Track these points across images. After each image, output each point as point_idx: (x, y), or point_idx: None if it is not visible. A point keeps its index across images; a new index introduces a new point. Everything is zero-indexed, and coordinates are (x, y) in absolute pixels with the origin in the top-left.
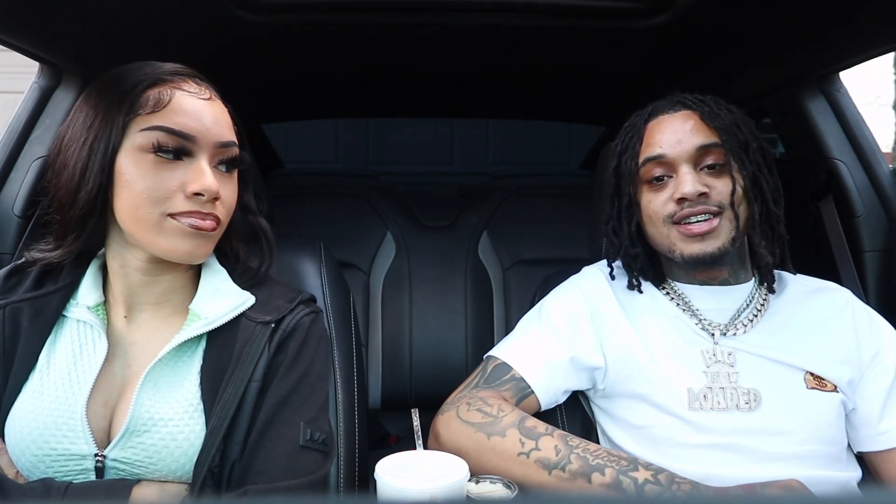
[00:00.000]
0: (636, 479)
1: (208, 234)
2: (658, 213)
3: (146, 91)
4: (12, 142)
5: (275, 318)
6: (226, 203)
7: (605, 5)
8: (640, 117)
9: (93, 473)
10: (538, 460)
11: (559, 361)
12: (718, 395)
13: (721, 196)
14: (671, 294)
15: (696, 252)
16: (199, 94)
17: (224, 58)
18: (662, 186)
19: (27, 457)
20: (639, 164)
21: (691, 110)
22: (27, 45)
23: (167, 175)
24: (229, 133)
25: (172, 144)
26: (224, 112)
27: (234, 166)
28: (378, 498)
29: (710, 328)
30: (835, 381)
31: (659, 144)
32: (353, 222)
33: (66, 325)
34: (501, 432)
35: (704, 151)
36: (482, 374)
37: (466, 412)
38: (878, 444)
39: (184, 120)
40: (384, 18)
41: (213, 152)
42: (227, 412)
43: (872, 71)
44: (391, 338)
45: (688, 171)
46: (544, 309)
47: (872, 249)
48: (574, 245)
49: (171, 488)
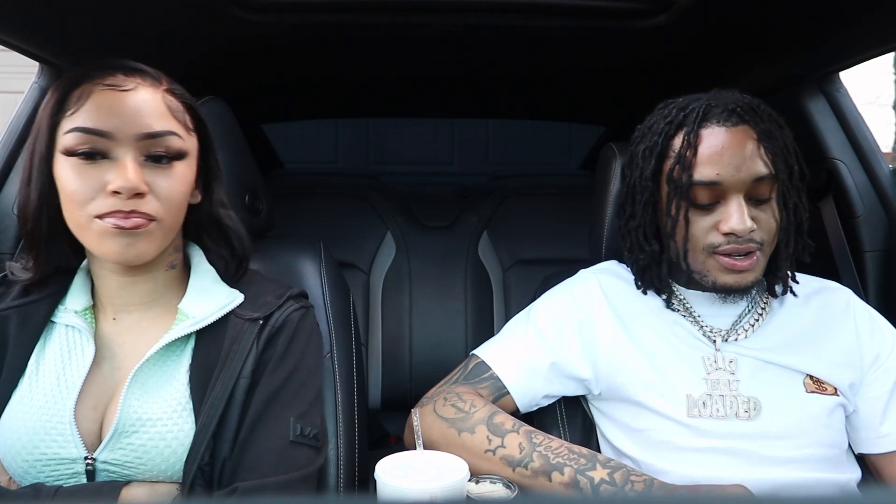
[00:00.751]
0: (592, 478)
1: (138, 233)
2: (699, 239)
3: (71, 92)
4: (12, 142)
5: (263, 314)
6: (162, 197)
7: (605, 5)
8: (690, 118)
9: (84, 477)
10: (503, 457)
11: (539, 366)
12: (718, 403)
13: (762, 233)
14: (672, 300)
15: (731, 283)
16: (121, 86)
17: (224, 58)
18: (708, 211)
19: (18, 462)
20: (692, 181)
21: (749, 126)
22: (27, 45)
23: (90, 176)
24: (160, 122)
25: (87, 144)
26: (155, 100)
27: (174, 158)
28: (378, 498)
29: (712, 334)
30: (835, 384)
31: (716, 168)
32: (353, 222)
33: (56, 331)
34: (471, 429)
35: (759, 182)
36: (463, 370)
37: (442, 406)
38: (879, 447)
39: (97, 116)
40: (384, 18)
41: (137, 145)
42: (216, 410)
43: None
44: (391, 338)
45: (740, 205)
46: (533, 312)
47: (872, 249)
48: (574, 245)
49: (162, 488)
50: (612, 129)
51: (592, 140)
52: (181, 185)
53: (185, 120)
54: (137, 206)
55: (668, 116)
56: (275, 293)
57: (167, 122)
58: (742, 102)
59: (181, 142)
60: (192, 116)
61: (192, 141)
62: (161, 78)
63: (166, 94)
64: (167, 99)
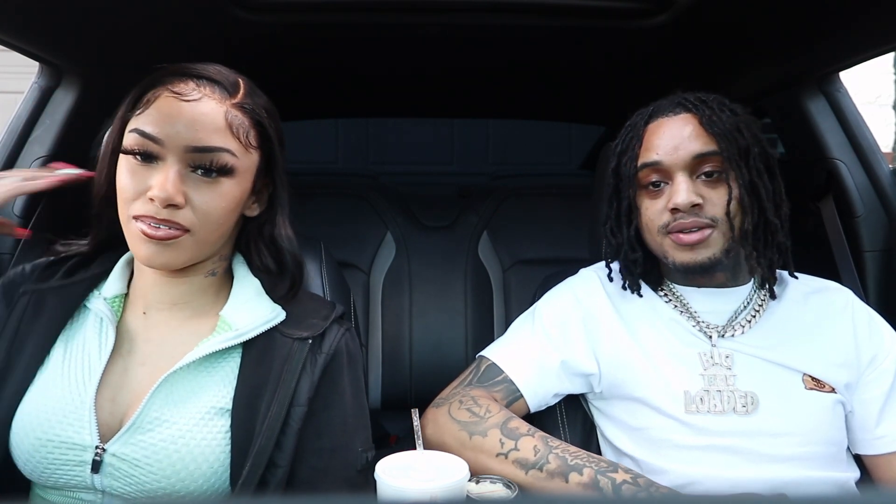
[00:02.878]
0: (614, 479)
1: (167, 243)
2: (654, 221)
3: (145, 93)
4: (12, 142)
5: (311, 334)
6: (200, 210)
7: (605, 5)
8: (641, 117)
9: (88, 467)
10: (516, 460)
11: (549, 366)
12: (715, 399)
13: (715, 208)
14: (668, 296)
15: (687, 261)
16: (186, 95)
17: (224, 58)
18: (659, 193)
19: (30, 440)
20: (637, 167)
21: (691, 113)
22: (27, 45)
23: (139, 177)
24: (214, 137)
25: (140, 147)
26: (215, 114)
27: (221, 173)
28: (378, 498)
29: (708, 330)
30: (832, 383)
31: (656, 150)
32: (353, 222)
33: (89, 316)
34: (483, 432)
35: (701, 160)
36: (475, 372)
37: (457, 409)
38: (875, 448)
39: (154, 122)
40: (384, 18)
41: (184, 156)
42: (273, 432)
43: (872, 71)
44: (391, 338)
45: (683, 181)
46: (537, 312)
47: (872, 249)
48: (574, 245)
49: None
50: (612, 129)
51: (592, 140)
52: (224, 201)
53: (246, 137)
54: (171, 216)
55: (629, 121)
56: (320, 314)
57: (221, 138)
58: (692, 97)
59: (232, 159)
60: (259, 133)
61: (249, 158)
62: (237, 90)
63: (232, 109)
64: (231, 114)
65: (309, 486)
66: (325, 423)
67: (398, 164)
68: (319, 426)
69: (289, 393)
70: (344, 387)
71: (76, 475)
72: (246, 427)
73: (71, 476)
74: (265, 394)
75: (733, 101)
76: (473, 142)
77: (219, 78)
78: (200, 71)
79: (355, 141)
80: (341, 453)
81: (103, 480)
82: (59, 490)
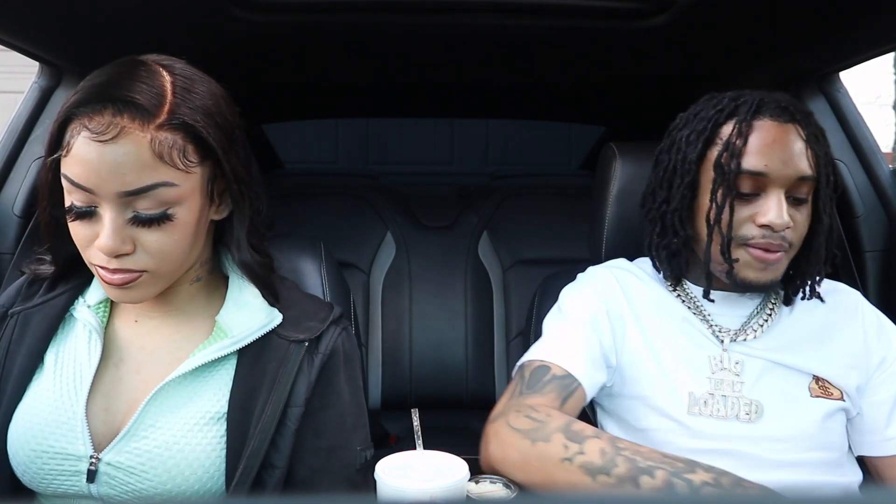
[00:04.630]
0: (691, 481)
1: (128, 286)
2: (735, 230)
3: (64, 132)
4: (12, 142)
5: (308, 336)
6: (152, 251)
7: (605, 5)
8: (742, 109)
9: (84, 476)
10: (582, 465)
11: (595, 352)
12: (719, 403)
13: (796, 233)
14: (682, 297)
15: (753, 279)
16: (102, 134)
17: (224, 58)
18: (747, 202)
19: (25, 451)
20: (740, 168)
21: (799, 125)
22: (27, 45)
23: (86, 225)
24: (144, 175)
25: (76, 195)
26: (138, 149)
27: (164, 209)
28: (378, 498)
29: (721, 334)
30: (842, 386)
31: (765, 159)
32: (353, 222)
33: (76, 325)
34: (546, 437)
35: (801, 181)
36: (521, 381)
37: (516, 419)
38: (884, 450)
39: (79, 170)
40: (384, 19)
41: (119, 202)
42: (267, 434)
43: (872, 71)
44: (391, 338)
45: (780, 200)
46: (564, 307)
47: (872, 249)
48: (574, 245)
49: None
50: (612, 129)
51: (592, 140)
52: (176, 233)
53: (182, 157)
54: (122, 264)
55: (719, 105)
56: (318, 316)
57: (152, 174)
58: (795, 103)
59: (172, 190)
60: (198, 145)
61: (192, 178)
62: (161, 105)
63: (158, 133)
64: (157, 140)
65: (308, 485)
66: (323, 422)
67: (398, 164)
68: (317, 426)
69: (284, 395)
70: (341, 386)
71: (73, 485)
72: (240, 430)
73: (68, 486)
74: (259, 396)
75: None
76: (473, 142)
77: (138, 96)
78: (114, 90)
79: (355, 141)
80: (340, 452)
81: (100, 489)
82: (59, 498)
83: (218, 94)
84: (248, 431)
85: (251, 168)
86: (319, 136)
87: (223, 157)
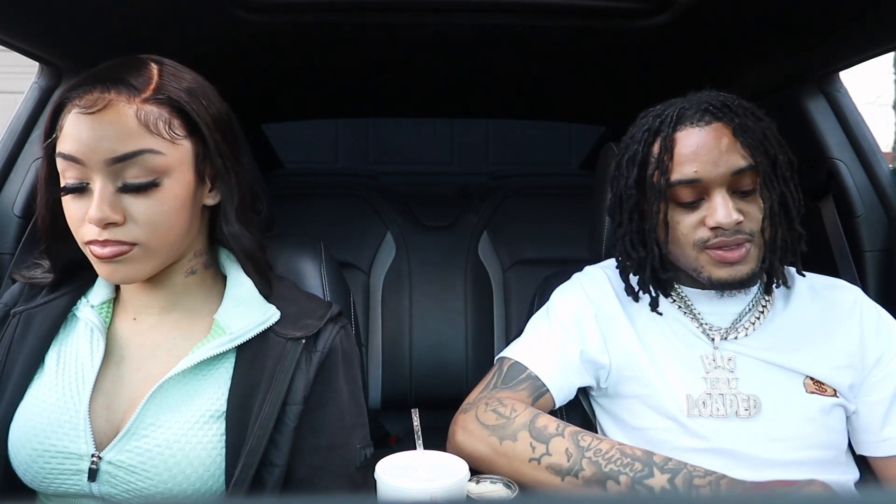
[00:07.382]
0: (652, 487)
1: (119, 259)
2: (687, 236)
3: (58, 117)
4: (12, 142)
5: (305, 334)
6: (142, 222)
7: (605, 5)
8: (665, 123)
9: (85, 475)
10: (550, 466)
11: (571, 359)
12: (718, 402)
13: (752, 223)
14: (673, 297)
15: (726, 277)
16: (91, 107)
17: (224, 58)
18: (693, 209)
19: (27, 450)
20: (670, 182)
21: (722, 122)
22: (27, 45)
23: (79, 203)
24: (130, 142)
25: (69, 172)
26: (125, 117)
27: (155, 177)
28: (378, 498)
29: (711, 332)
30: (835, 385)
31: (694, 166)
32: (353, 222)
33: (78, 324)
34: (513, 436)
35: (739, 175)
36: (498, 374)
37: (483, 412)
38: (880, 451)
39: (71, 143)
40: (384, 18)
41: (108, 171)
42: (265, 432)
43: (872, 71)
44: (391, 338)
45: (724, 198)
46: (551, 309)
47: (872, 249)
48: (574, 245)
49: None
50: (612, 129)
51: (592, 140)
52: (165, 204)
53: (168, 128)
54: (112, 235)
55: (646, 125)
56: (316, 314)
57: (138, 140)
58: (715, 101)
59: (158, 158)
60: (184, 120)
61: (179, 150)
62: (148, 83)
63: (144, 105)
64: (143, 111)
65: (307, 483)
66: (322, 420)
67: (398, 164)
68: (316, 424)
69: (282, 392)
70: (340, 384)
71: (74, 484)
72: (239, 428)
73: (69, 485)
74: (258, 394)
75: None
76: (473, 142)
77: (126, 75)
78: (105, 74)
79: (355, 141)
80: (339, 450)
81: (101, 488)
82: (60, 497)
83: (206, 85)
84: (246, 429)
85: (239, 152)
86: (319, 136)
87: (207, 134)
